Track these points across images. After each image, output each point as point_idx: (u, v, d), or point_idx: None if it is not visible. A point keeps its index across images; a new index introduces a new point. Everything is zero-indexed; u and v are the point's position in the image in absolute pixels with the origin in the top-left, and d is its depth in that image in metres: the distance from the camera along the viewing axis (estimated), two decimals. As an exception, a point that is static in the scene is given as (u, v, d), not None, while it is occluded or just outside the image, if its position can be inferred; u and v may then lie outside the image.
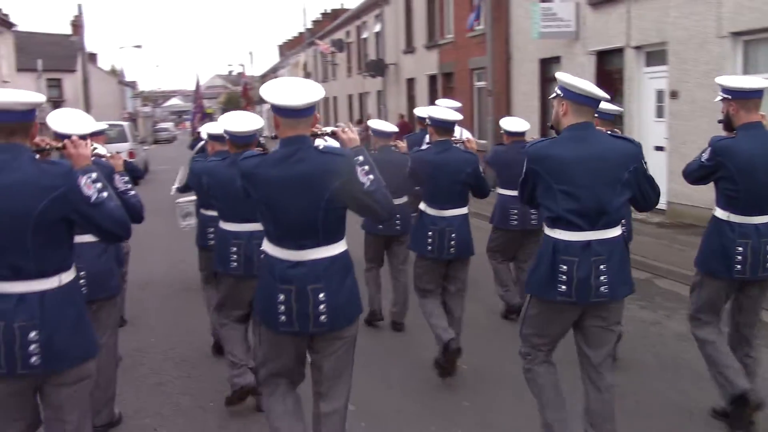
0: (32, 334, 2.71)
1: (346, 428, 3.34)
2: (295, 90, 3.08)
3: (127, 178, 4.25)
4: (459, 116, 5.23)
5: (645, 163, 3.42)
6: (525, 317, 3.62)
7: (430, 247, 4.99)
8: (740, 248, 3.89)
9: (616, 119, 5.28)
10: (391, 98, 26.27)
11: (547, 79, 15.04)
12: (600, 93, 3.35)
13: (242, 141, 4.20)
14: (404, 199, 6.06)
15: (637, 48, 11.81)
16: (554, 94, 3.45)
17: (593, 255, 3.30)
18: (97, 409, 4.04)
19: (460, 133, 6.72)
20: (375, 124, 6.32)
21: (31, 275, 2.73)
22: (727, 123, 3.98)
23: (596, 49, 12.89)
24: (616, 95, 11.68)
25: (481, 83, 18.20)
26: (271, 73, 62.74)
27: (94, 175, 2.88)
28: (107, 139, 8.68)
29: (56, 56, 38.90)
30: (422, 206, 5.14)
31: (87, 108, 32.83)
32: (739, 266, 3.91)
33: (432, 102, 21.42)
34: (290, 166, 3.05)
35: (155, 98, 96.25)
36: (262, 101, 70.38)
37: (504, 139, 6.24)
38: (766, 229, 3.91)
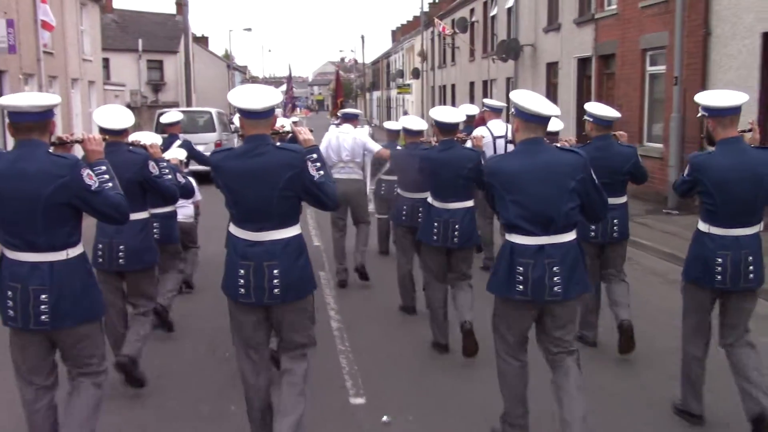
0: (43, 296, 3.35)
1: (306, 384, 3.81)
2: (255, 95, 3.65)
3: (164, 164, 5.19)
4: (461, 118, 5.77)
5: (592, 173, 3.73)
6: (493, 314, 4.00)
7: (435, 237, 5.60)
8: (720, 259, 4.07)
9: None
10: (524, 86, 21.89)
11: (773, 62, 10.62)
12: (547, 112, 3.66)
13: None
14: (427, 193, 6.38)
15: None
16: (512, 111, 3.79)
17: (546, 257, 3.65)
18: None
19: (506, 129, 7.80)
20: (405, 121, 6.75)
21: (42, 248, 3.36)
22: (709, 138, 4.18)
23: None
24: None
25: (658, 68, 13.85)
26: (384, 59, 59.73)
27: (103, 168, 3.58)
28: (183, 128, 8.81)
29: (160, 36, 36.86)
30: (429, 200, 5.74)
31: (188, 92, 30.52)
32: (719, 276, 4.09)
33: (582, 95, 17.42)
34: (250, 159, 3.62)
35: (267, 84, 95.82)
36: (372, 89, 68.05)
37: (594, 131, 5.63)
38: (748, 240, 4.07)
